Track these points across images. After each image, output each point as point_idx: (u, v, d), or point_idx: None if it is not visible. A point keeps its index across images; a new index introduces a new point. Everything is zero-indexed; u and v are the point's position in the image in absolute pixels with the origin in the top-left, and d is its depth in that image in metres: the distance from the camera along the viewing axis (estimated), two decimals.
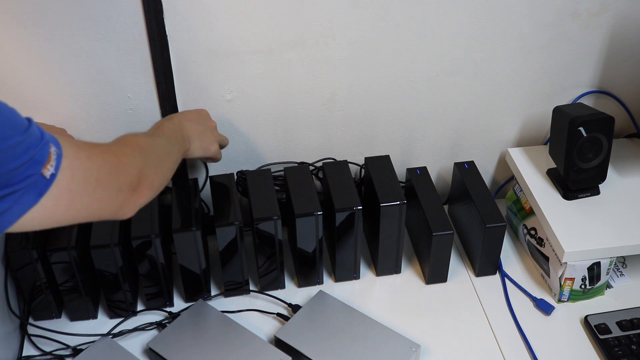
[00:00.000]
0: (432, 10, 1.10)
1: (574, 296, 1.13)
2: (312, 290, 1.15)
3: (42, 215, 0.70)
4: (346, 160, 1.20)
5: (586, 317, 1.10)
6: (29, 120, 0.69)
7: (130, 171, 0.81)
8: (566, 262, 1.08)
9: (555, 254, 1.10)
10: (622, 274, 1.19)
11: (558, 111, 1.13)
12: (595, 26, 1.18)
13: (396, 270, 1.20)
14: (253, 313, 1.13)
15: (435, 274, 1.17)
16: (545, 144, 1.29)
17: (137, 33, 1.03)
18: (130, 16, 1.01)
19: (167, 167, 0.93)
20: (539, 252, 1.17)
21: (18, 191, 0.66)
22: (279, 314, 1.12)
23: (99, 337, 1.07)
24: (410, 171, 1.22)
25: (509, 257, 1.23)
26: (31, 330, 1.09)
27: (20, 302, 1.11)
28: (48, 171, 0.68)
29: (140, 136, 0.90)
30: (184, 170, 1.20)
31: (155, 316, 1.13)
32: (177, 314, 1.11)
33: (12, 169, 0.65)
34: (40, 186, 0.68)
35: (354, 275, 1.19)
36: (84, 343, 1.06)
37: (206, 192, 1.20)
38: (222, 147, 1.11)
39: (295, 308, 1.12)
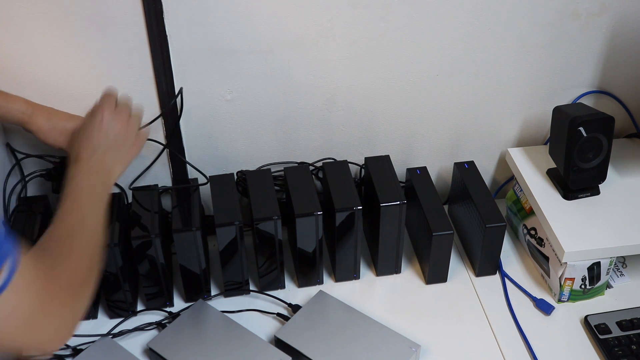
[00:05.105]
0: (432, 10, 1.10)
1: (574, 296, 1.13)
2: (312, 290, 1.15)
3: None
4: (346, 160, 1.20)
5: (586, 317, 1.10)
6: None
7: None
8: (566, 262, 1.08)
9: (555, 254, 1.10)
10: (622, 274, 1.19)
11: (558, 111, 1.13)
12: (595, 26, 1.18)
13: (396, 270, 1.20)
14: (253, 313, 1.13)
15: (435, 274, 1.17)
16: (545, 144, 1.29)
17: (137, 33, 1.03)
18: (130, 16, 1.01)
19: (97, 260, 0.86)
20: (539, 252, 1.17)
21: None
22: (279, 314, 1.12)
23: (99, 337, 1.07)
24: (410, 171, 1.22)
25: (509, 257, 1.23)
26: None
27: None
28: None
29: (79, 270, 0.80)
30: (184, 171, 1.20)
31: (155, 316, 1.13)
32: (177, 314, 1.11)
33: None
34: None
35: (354, 275, 1.19)
36: (84, 343, 1.06)
37: (206, 192, 1.20)
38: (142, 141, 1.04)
39: (295, 308, 1.12)
